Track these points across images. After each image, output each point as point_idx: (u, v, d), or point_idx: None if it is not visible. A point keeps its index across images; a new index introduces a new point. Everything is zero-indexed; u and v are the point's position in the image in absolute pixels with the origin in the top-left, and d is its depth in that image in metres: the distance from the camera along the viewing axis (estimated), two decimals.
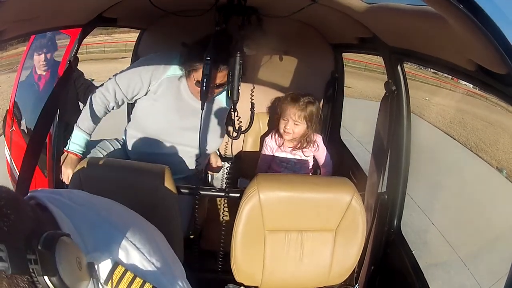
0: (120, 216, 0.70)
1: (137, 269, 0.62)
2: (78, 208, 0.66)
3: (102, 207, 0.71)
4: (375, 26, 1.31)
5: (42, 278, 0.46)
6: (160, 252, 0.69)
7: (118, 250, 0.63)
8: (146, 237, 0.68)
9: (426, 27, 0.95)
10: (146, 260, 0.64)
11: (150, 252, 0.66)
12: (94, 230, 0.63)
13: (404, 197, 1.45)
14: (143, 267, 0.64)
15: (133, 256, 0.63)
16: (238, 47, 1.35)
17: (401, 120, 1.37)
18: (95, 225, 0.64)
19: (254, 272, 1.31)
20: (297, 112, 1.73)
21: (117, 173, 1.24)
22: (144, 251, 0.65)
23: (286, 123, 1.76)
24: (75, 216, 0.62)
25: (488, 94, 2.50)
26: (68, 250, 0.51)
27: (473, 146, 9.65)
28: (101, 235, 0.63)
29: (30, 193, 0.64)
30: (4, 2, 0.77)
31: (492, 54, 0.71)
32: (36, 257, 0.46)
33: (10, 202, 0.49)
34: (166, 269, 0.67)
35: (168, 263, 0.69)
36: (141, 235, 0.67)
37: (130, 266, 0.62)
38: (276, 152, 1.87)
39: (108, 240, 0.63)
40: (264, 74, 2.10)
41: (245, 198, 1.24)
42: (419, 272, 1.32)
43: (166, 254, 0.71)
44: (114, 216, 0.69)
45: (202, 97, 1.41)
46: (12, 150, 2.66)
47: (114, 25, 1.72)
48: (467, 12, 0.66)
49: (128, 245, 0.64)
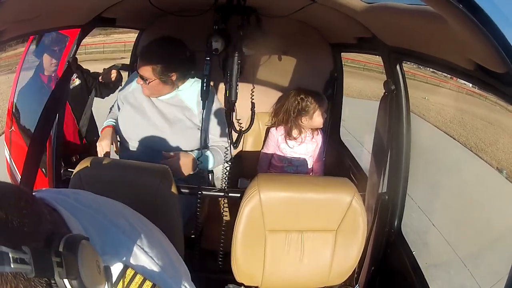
0: (127, 219, 0.70)
1: (146, 272, 0.62)
2: (85, 210, 0.66)
3: (109, 209, 0.70)
4: (374, 25, 1.31)
5: (61, 281, 0.45)
6: (167, 255, 0.69)
7: (127, 254, 0.63)
8: (153, 241, 0.68)
9: (425, 26, 0.95)
10: (154, 263, 0.64)
11: (158, 255, 0.66)
12: (102, 234, 0.63)
13: (404, 198, 1.45)
14: (151, 270, 0.64)
15: (141, 260, 0.63)
16: (236, 47, 1.36)
17: (401, 119, 1.36)
18: (102, 229, 0.64)
19: (254, 272, 1.31)
20: (324, 108, 1.90)
21: (118, 172, 1.24)
22: (152, 255, 0.65)
23: (316, 118, 1.89)
24: (83, 218, 0.62)
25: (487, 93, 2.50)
26: (89, 253, 0.51)
27: (473, 146, 9.65)
28: (109, 238, 0.63)
29: (36, 194, 0.63)
30: (4, 2, 0.76)
31: (492, 53, 0.71)
32: (61, 260, 0.45)
33: (29, 203, 0.48)
34: (173, 272, 0.67)
35: (175, 266, 0.69)
36: (148, 239, 0.67)
37: (139, 268, 0.62)
38: (282, 143, 1.94)
39: (116, 244, 0.63)
40: (263, 73, 2.10)
41: (246, 198, 1.24)
42: (419, 272, 1.31)
43: (172, 257, 0.71)
44: (121, 219, 0.69)
45: (203, 96, 1.42)
46: (12, 150, 2.66)
47: (113, 26, 1.72)
48: (466, 12, 0.66)
49: (136, 248, 0.64)
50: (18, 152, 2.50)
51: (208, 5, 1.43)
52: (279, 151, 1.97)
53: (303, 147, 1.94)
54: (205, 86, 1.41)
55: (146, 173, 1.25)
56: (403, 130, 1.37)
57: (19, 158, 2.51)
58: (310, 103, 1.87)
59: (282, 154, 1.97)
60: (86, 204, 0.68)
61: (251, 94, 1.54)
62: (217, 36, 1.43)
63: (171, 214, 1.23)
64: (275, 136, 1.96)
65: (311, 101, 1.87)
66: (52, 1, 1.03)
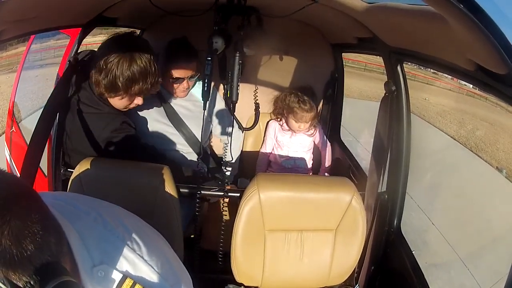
0: (126, 226, 0.69)
1: (145, 282, 0.62)
2: (84, 217, 0.65)
3: (108, 217, 0.69)
4: (375, 25, 1.31)
5: None
6: (168, 262, 0.68)
7: (126, 263, 0.62)
8: (153, 248, 0.67)
9: (426, 27, 0.95)
10: (153, 272, 0.64)
11: (158, 263, 0.65)
12: (100, 243, 0.62)
13: (404, 197, 1.45)
14: (151, 279, 0.63)
15: (141, 269, 0.63)
16: (237, 47, 1.36)
17: (401, 120, 1.36)
18: (101, 238, 0.63)
19: (254, 272, 1.31)
20: (308, 115, 1.91)
21: (118, 172, 1.24)
22: (152, 263, 0.64)
23: (300, 125, 1.94)
24: (81, 227, 0.61)
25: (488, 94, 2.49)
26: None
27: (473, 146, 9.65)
28: (108, 248, 0.63)
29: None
30: (4, 2, 0.76)
31: (492, 54, 0.71)
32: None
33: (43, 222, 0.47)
34: (174, 280, 0.66)
35: (176, 273, 0.68)
36: (148, 247, 0.66)
37: (138, 278, 0.61)
38: (279, 133, 2.00)
39: (115, 253, 0.62)
40: (263, 74, 2.10)
41: (245, 198, 1.24)
42: (419, 272, 1.31)
43: (173, 263, 0.70)
44: (121, 227, 0.68)
45: (205, 96, 1.42)
46: (12, 150, 2.66)
47: (114, 25, 1.72)
48: (467, 12, 0.65)
49: (136, 258, 0.63)
50: (18, 152, 2.50)
51: (208, 5, 1.43)
52: (276, 143, 2.01)
53: (298, 138, 1.99)
54: (206, 86, 1.41)
55: (146, 173, 1.25)
56: (403, 130, 1.37)
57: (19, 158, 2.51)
58: (298, 109, 1.91)
59: (279, 147, 2.01)
60: (85, 210, 0.67)
61: (254, 95, 1.55)
62: (217, 36, 1.43)
63: (171, 214, 1.23)
64: (272, 127, 2.02)
65: (300, 108, 1.90)
66: (53, 1, 1.03)
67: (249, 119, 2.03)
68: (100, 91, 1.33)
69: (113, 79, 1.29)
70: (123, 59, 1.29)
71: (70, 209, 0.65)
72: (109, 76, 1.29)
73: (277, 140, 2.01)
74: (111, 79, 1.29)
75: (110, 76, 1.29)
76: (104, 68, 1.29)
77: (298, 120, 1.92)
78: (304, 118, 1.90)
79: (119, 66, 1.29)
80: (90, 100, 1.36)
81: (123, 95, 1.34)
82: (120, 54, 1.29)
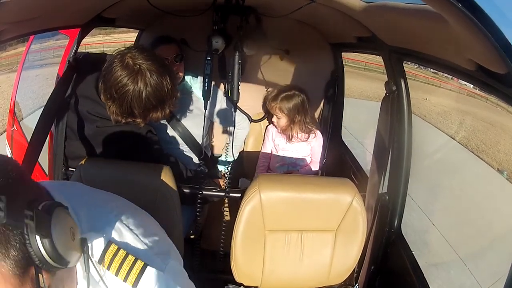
0: (117, 203, 0.73)
1: (128, 247, 0.64)
2: (79, 196, 0.69)
3: (102, 197, 0.74)
4: (374, 25, 1.31)
5: (34, 239, 0.48)
6: (155, 235, 0.71)
7: (112, 231, 0.65)
8: (141, 222, 0.70)
9: (425, 26, 0.95)
10: (138, 241, 0.66)
11: (144, 233, 0.68)
12: (90, 212, 0.66)
13: (405, 198, 1.44)
14: (135, 246, 0.65)
15: (126, 236, 0.66)
16: (237, 47, 1.36)
17: (402, 120, 1.36)
18: (91, 208, 0.67)
19: (254, 272, 1.31)
20: (277, 107, 1.88)
21: (118, 172, 1.24)
22: (137, 232, 0.67)
23: (272, 117, 1.95)
24: (74, 201, 0.64)
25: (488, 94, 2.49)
26: (64, 218, 0.54)
27: (474, 148, 9.65)
28: (97, 217, 0.66)
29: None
30: (4, 2, 0.77)
31: (492, 53, 0.71)
32: (33, 214, 0.48)
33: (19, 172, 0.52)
34: (159, 250, 0.68)
35: (162, 246, 0.70)
36: (135, 219, 0.69)
37: (123, 244, 0.64)
38: (276, 137, 1.99)
39: (102, 222, 0.66)
40: (263, 74, 2.10)
41: (246, 198, 1.24)
42: (419, 272, 1.31)
43: (161, 238, 0.72)
44: (113, 202, 0.72)
45: (205, 96, 1.42)
46: (14, 149, 2.67)
47: (113, 25, 1.72)
48: (466, 11, 0.65)
49: (122, 226, 0.66)
50: (19, 150, 2.50)
51: (206, 5, 1.43)
52: (275, 148, 2.00)
53: (295, 145, 1.96)
54: (206, 86, 1.41)
55: (146, 172, 1.25)
56: (404, 130, 1.37)
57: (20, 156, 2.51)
58: (269, 101, 1.91)
59: (277, 151, 2.00)
60: (81, 193, 0.71)
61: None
62: (217, 36, 1.43)
63: (172, 214, 1.23)
64: (270, 131, 2.01)
65: (269, 99, 1.91)
66: (52, 1, 1.03)
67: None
68: (116, 119, 1.24)
69: (130, 109, 1.20)
70: (135, 86, 1.16)
71: (67, 190, 0.70)
72: (123, 106, 1.19)
73: (274, 143, 2.00)
74: (127, 110, 1.20)
75: (125, 107, 1.20)
76: (118, 98, 1.18)
77: (273, 112, 1.90)
78: (274, 108, 1.88)
79: (133, 96, 1.17)
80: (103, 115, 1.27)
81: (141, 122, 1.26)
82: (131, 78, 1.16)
